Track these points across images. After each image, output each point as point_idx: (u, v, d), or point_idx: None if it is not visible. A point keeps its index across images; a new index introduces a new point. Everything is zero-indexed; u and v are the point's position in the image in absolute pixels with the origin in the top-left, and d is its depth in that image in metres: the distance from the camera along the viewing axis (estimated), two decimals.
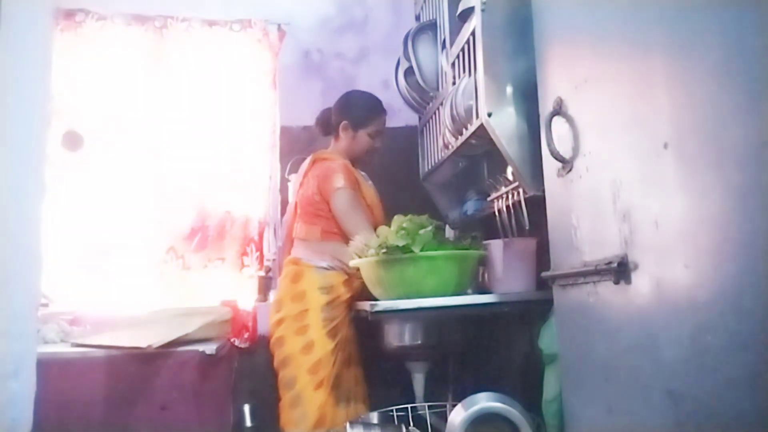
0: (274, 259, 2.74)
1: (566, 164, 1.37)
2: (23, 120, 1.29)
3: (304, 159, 2.75)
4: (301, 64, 2.92)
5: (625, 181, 1.14)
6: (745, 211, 0.83)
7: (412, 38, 2.36)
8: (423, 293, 1.82)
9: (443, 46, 2.20)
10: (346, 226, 2.28)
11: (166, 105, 2.72)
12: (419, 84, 2.35)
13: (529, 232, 1.82)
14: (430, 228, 1.86)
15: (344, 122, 2.41)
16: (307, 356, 2.15)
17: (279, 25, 2.84)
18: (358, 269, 2.04)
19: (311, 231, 2.33)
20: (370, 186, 2.45)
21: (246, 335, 2.50)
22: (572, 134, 1.35)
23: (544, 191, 1.54)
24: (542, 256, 1.79)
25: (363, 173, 2.47)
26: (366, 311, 1.88)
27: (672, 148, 0.98)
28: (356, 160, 2.43)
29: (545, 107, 1.47)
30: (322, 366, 2.14)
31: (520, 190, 1.77)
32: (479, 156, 2.26)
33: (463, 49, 1.92)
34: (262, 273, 2.68)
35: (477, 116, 1.76)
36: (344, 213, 2.29)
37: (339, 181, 2.30)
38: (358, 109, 2.44)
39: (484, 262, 1.99)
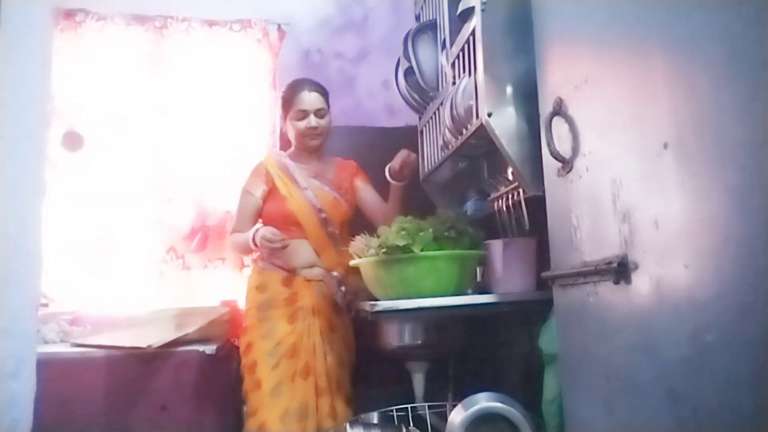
0: None
1: (566, 164, 1.37)
2: (23, 120, 1.29)
3: None
4: (301, 64, 2.92)
5: (625, 181, 1.14)
6: (745, 211, 0.83)
7: (412, 38, 2.36)
8: (423, 293, 1.82)
9: (443, 46, 2.20)
10: None
11: (166, 105, 2.72)
12: (419, 84, 2.35)
13: (529, 232, 1.82)
14: (431, 229, 1.86)
15: (281, 117, 2.47)
16: (246, 357, 2.17)
17: (279, 25, 2.84)
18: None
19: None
20: (293, 178, 2.35)
21: None
22: (572, 134, 1.35)
23: (544, 191, 1.54)
24: (542, 256, 1.79)
25: (304, 165, 2.39)
26: (366, 311, 1.88)
27: (672, 148, 0.98)
28: (305, 149, 2.40)
29: (545, 107, 1.47)
30: (257, 367, 2.12)
31: (520, 190, 1.77)
32: (479, 156, 2.26)
33: (463, 49, 1.92)
34: None
35: (477, 116, 1.76)
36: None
37: (245, 183, 2.39)
38: (281, 97, 2.43)
39: (484, 262, 1.99)
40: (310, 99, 2.34)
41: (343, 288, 2.19)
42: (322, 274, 2.27)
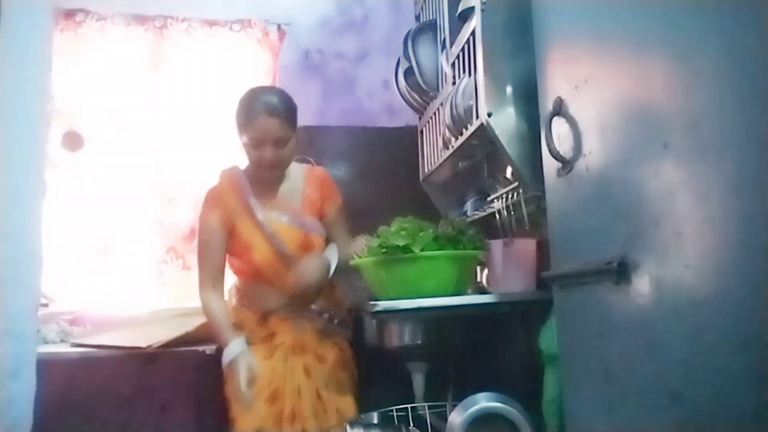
0: None
1: (566, 164, 1.37)
2: (23, 120, 1.29)
3: (304, 159, 2.76)
4: (301, 64, 2.93)
5: (625, 181, 1.14)
6: (745, 211, 0.83)
7: (412, 38, 2.36)
8: (423, 293, 1.82)
9: (443, 46, 2.20)
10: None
11: (166, 105, 2.72)
12: (419, 84, 2.35)
13: (529, 232, 1.82)
14: (431, 229, 1.86)
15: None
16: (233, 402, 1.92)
17: (279, 25, 2.84)
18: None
19: None
20: (255, 222, 1.98)
21: None
22: (572, 134, 1.35)
23: (544, 191, 1.54)
24: (542, 256, 1.79)
25: (271, 204, 2.04)
26: (366, 311, 1.88)
27: (672, 148, 0.98)
28: (260, 177, 2.03)
29: (545, 107, 1.47)
30: (230, 409, 1.90)
31: (520, 190, 1.77)
32: (479, 156, 2.26)
33: (463, 49, 1.92)
34: None
35: (477, 116, 1.76)
36: (197, 244, 2.06)
37: (203, 215, 2.03)
38: (236, 112, 1.96)
39: (484, 262, 1.99)
40: (267, 127, 1.88)
41: (325, 315, 2.03)
42: (298, 311, 2.02)
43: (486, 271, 2.06)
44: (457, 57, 1.99)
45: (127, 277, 2.63)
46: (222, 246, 2.01)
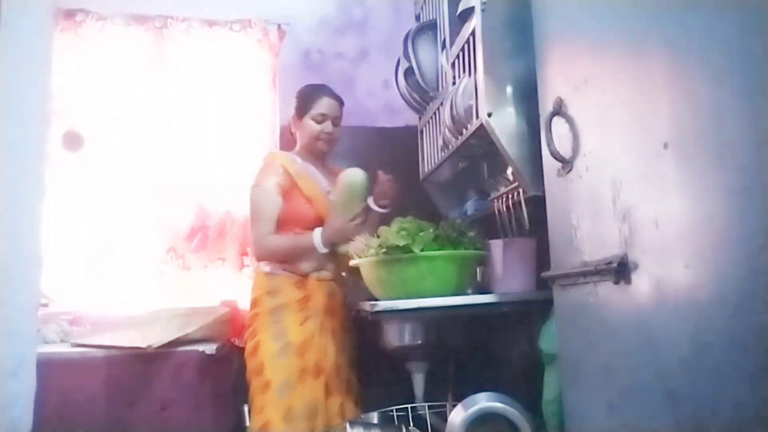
0: None
1: (566, 164, 1.37)
2: (23, 120, 1.29)
3: None
4: (301, 64, 2.93)
5: (625, 181, 1.14)
6: (745, 211, 0.83)
7: (412, 38, 2.36)
8: (423, 293, 1.82)
9: (443, 46, 2.20)
10: (250, 225, 2.33)
11: (166, 105, 2.73)
12: (419, 84, 2.35)
13: (529, 232, 1.82)
14: (431, 229, 1.86)
15: (292, 116, 2.40)
16: (253, 359, 2.11)
17: (279, 25, 2.84)
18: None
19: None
20: (316, 181, 2.33)
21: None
22: (572, 134, 1.35)
23: (544, 191, 1.54)
24: (542, 256, 1.79)
25: (315, 168, 2.37)
26: (366, 311, 1.88)
27: (672, 148, 0.98)
28: (313, 152, 2.37)
29: (545, 107, 1.47)
30: (264, 368, 2.07)
31: (520, 190, 1.77)
32: (479, 156, 2.26)
33: (463, 49, 1.92)
34: None
35: (477, 116, 1.76)
36: (250, 211, 2.30)
37: (257, 178, 2.29)
38: (299, 97, 2.40)
39: (484, 262, 1.99)
40: (331, 105, 2.35)
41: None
42: (334, 275, 2.27)
43: (486, 271, 2.06)
44: (457, 57, 1.99)
45: (127, 277, 2.63)
46: (278, 208, 2.24)
